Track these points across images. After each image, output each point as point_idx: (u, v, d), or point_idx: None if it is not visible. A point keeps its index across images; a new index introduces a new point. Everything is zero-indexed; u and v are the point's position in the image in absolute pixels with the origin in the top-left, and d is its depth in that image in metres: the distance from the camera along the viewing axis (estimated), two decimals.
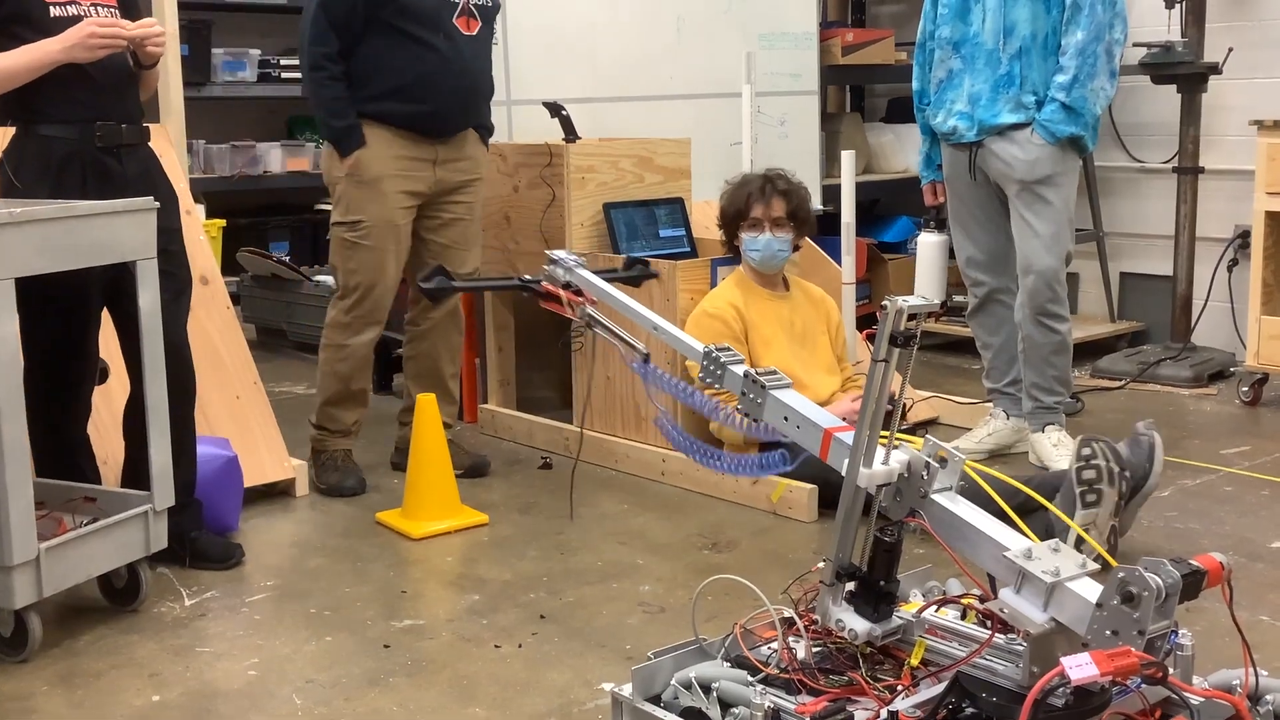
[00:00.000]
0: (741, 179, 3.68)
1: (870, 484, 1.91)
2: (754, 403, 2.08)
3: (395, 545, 3.24)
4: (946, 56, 3.80)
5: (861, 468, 1.91)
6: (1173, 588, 1.69)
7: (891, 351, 1.88)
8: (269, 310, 5.84)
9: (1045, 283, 3.71)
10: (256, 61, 6.07)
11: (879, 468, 1.92)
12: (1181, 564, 1.73)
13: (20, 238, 2.45)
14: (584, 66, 4.50)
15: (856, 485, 1.92)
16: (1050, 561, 1.78)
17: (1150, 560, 1.72)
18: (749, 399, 2.08)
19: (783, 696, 1.91)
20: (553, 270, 2.51)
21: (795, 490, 3.36)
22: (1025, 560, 1.78)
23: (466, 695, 2.39)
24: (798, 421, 2.03)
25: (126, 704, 2.38)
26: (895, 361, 1.89)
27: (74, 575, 2.64)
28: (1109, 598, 1.70)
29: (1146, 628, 1.66)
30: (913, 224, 5.98)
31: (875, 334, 1.90)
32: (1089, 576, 1.78)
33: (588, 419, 4.00)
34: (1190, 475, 3.69)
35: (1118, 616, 1.68)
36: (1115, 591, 1.69)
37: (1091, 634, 1.70)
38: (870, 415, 1.90)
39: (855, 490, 1.93)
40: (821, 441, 2.00)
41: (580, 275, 2.48)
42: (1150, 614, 1.66)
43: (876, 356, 1.89)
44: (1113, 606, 1.69)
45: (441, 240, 3.69)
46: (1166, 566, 1.70)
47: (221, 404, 3.56)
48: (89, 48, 2.74)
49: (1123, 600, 1.68)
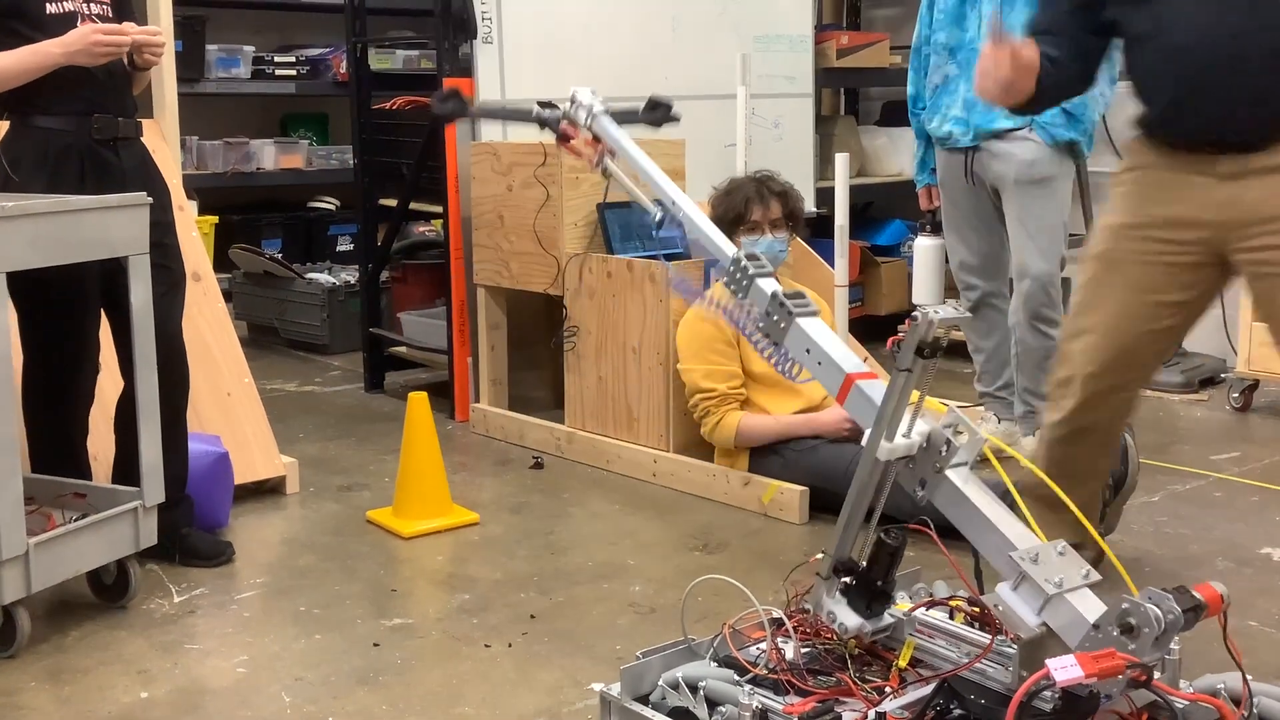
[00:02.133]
0: (731, 184, 3.66)
1: (891, 456, 1.85)
2: (777, 326, 1.98)
3: (385, 544, 3.23)
4: (942, 62, 3.81)
5: (883, 440, 1.84)
6: (1173, 624, 1.67)
7: (916, 362, 1.85)
8: (261, 307, 5.83)
9: (1040, 287, 3.71)
10: (251, 58, 6.07)
11: (900, 440, 1.86)
12: (1183, 595, 1.71)
13: (13, 232, 2.44)
14: (579, 67, 4.50)
15: (875, 458, 1.86)
16: (1054, 569, 1.76)
17: (1154, 592, 1.70)
18: (773, 321, 1.99)
19: (770, 696, 1.91)
20: (574, 110, 2.35)
21: (786, 492, 3.36)
22: (1030, 564, 1.77)
23: (456, 694, 2.39)
24: (819, 358, 1.95)
25: (114, 700, 2.38)
26: (919, 373, 1.86)
27: (63, 571, 2.63)
28: (1108, 623, 1.69)
29: (1145, 660, 1.65)
30: (906, 227, 5.98)
31: (901, 341, 1.85)
32: (1090, 589, 1.77)
33: (579, 418, 4.00)
34: (1180, 480, 3.70)
35: (1113, 644, 1.67)
36: (1115, 620, 1.68)
37: (1084, 650, 1.70)
38: (885, 423, 1.87)
39: (874, 464, 1.87)
40: (841, 385, 1.92)
41: (603, 126, 2.32)
42: (1148, 648, 1.65)
43: (901, 365, 1.85)
44: (1109, 633, 1.68)
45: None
46: (1169, 601, 1.68)
47: (212, 401, 3.55)
48: (92, 55, 2.76)
49: (1121, 631, 1.67)
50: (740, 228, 3.57)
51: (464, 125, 4.30)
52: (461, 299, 4.42)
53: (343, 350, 5.49)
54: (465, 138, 4.31)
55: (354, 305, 5.34)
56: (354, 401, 4.78)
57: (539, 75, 4.39)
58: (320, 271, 5.82)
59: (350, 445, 4.14)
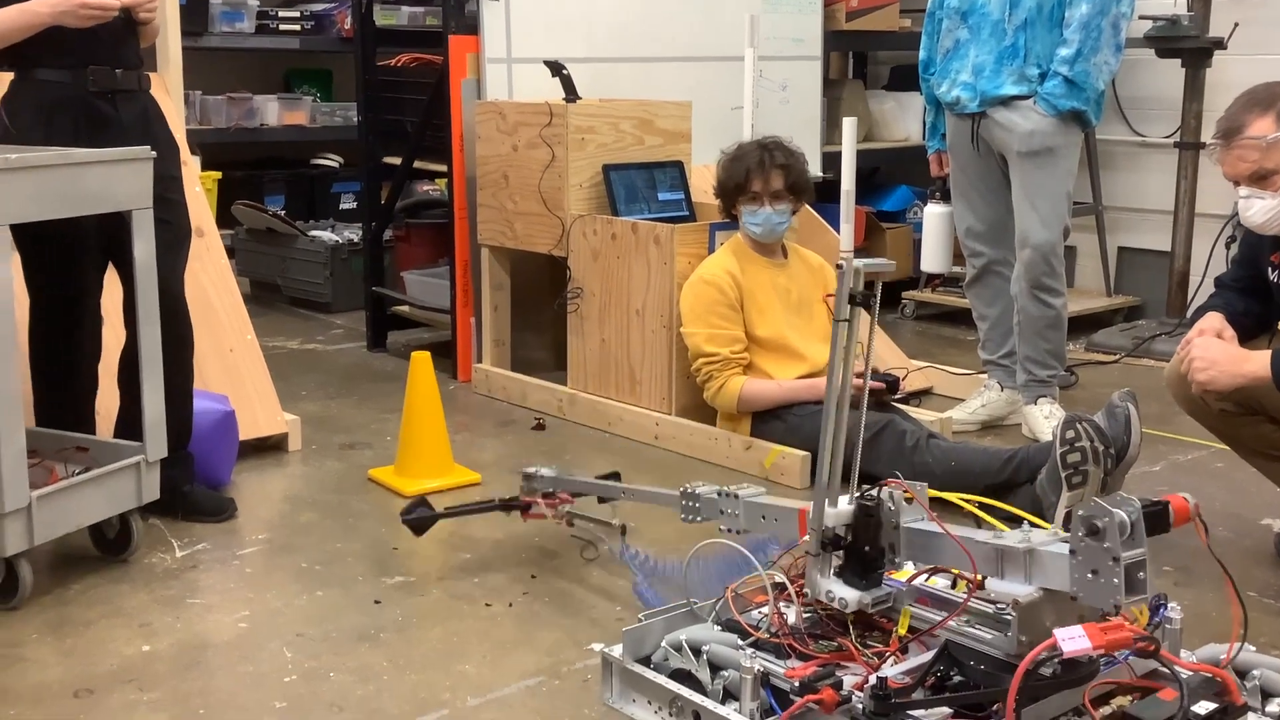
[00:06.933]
0: (738, 150, 3.62)
1: (837, 522, 1.99)
2: (733, 515, 2.27)
3: (387, 502, 3.24)
4: (954, 26, 3.78)
5: (828, 506, 1.99)
6: (1134, 515, 1.72)
7: (854, 311, 1.93)
8: (264, 264, 5.82)
9: (1041, 256, 3.70)
10: (255, 13, 6.02)
11: (844, 507, 2.00)
12: (1146, 500, 1.78)
13: (15, 184, 2.43)
14: (585, 25, 4.46)
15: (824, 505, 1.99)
16: (1020, 536, 1.84)
17: (1113, 497, 1.76)
18: (729, 515, 2.28)
19: (772, 660, 1.92)
20: (529, 486, 2.86)
21: (788, 457, 3.37)
22: (995, 539, 1.85)
23: (456, 653, 2.40)
24: (775, 515, 2.19)
25: (116, 653, 2.39)
26: (857, 321, 1.95)
27: (65, 524, 2.64)
28: (1077, 539, 1.74)
29: (1119, 554, 1.70)
30: (912, 193, 5.95)
31: (834, 296, 1.96)
32: (1061, 541, 1.81)
33: (582, 380, 4.00)
34: (1182, 451, 3.70)
35: (1090, 553, 1.72)
36: (1081, 528, 1.72)
37: (1075, 583, 1.74)
38: (840, 375, 1.96)
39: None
40: (798, 520, 2.10)
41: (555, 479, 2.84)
42: (1119, 540, 1.70)
43: (838, 316, 1.94)
44: (1083, 546, 1.73)
45: None
46: (1127, 498, 1.75)
47: (215, 357, 3.55)
48: (79, 17, 2.74)
49: (1088, 533, 1.72)
50: (741, 197, 3.55)
51: (469, 82, 4.27)
52: (465, 259, 4.40)
53: (345, 308, 5.48)
54: (471, 96, 4.28)
55: (356, 264, 5.32)
56: (356, 360, 4.78)
57: (546, 33, 4.35)
58: (323, 229, 5.80)
59: (352, 404, 4.14)
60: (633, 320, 3.82)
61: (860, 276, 1.92)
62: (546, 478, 2.85)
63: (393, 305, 4.94)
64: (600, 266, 3.90)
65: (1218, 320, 2.76)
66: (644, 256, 3.77)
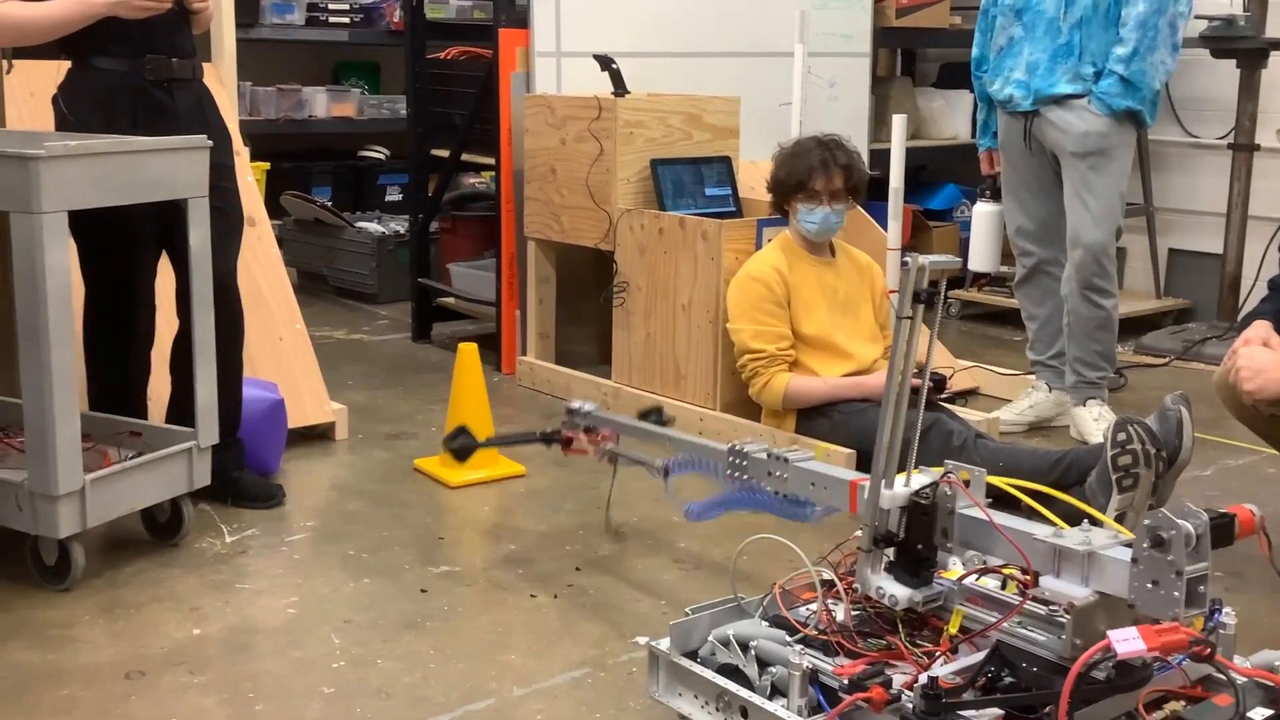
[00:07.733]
0: (799, 146, 3.57)
1: (893, 504, 1.97)
2: (780, 479, 2.27)
3: (433, 492, 3.26)
4: (1008, 23, 3.75)
5: (884, 489, 1.97)
6: (1200, 528, 1.69)
7: (916, 308, 1.90)
8: (311, 254, 5.86)
9: (1093, 257, 3.66)
10: (305, 5, 6.06)
11: (900, 489, 1.98)
12: (1213, 512, 1.75)
13: (75, 171, 2.46)
14: (635, 19, 4.46)
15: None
16: (1081, 537, 1.81)
17: (1181, 507, 1.72)
18: (776, 477, 2.27)
19: (821, 658, 1.91)
20: (571, 420, 2.87)
21: (833, 454, 3.35)
22: (1057, 539, 1.81)
23: (501, 642, 2.41)
24: (824, 483, 2.19)
25: (167, 636, 2.42)
26: (920, 318, 1.92)
27: (118, 508, 2.67)
28: (1140, 548, 1.70)
29: (1183, 567, 1.66)
30: (959, 192, 5.91)
31: (898, 293, 1.92)
32: (1122, 545, 1.79)
33: (626, 374, 4.00)
34: (1233, 456, 3.65)
35: (1153, 564, 1.69)
36: (1146, 539, 1.69)
37: (1134, 591, 1.71)
38: (900, 372, 1.93)
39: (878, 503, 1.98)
40: (849, 493, 2.11)
41: (600, 417, 2.84)
42: (1184, 554, 1.67)
43: (901, 313, 1.91)
44: (1146, 556, 1.69)
45: None
46: (1195, 510, 1.71)
47: (264, 345, 3.58)
48: (132, 9, 2.77)
49: (1153, 545, 1.69)
50: (799, 194, 3.52)
51: (518, 76, 4.28)
52: (511, 252, 4.42)
53: (391, 299, 5.52)
54: (519, 90, 4.29)
55: (402, 255, 5.35)
56: (401, 351, 4.80)
57: (595, 27, 4.36)
58: (370, 220, 5.83)
59: (398, 394, 4.17)
60: (679, 315, 3.82)
61: (925, 274, 1.90)
62: (590, 414, 2.85)
63: (438, 297, 4.96)
64: (647, 261, 3.90)
65: (1264, 328, 2.73)
66: (691, 251, 3.76)
